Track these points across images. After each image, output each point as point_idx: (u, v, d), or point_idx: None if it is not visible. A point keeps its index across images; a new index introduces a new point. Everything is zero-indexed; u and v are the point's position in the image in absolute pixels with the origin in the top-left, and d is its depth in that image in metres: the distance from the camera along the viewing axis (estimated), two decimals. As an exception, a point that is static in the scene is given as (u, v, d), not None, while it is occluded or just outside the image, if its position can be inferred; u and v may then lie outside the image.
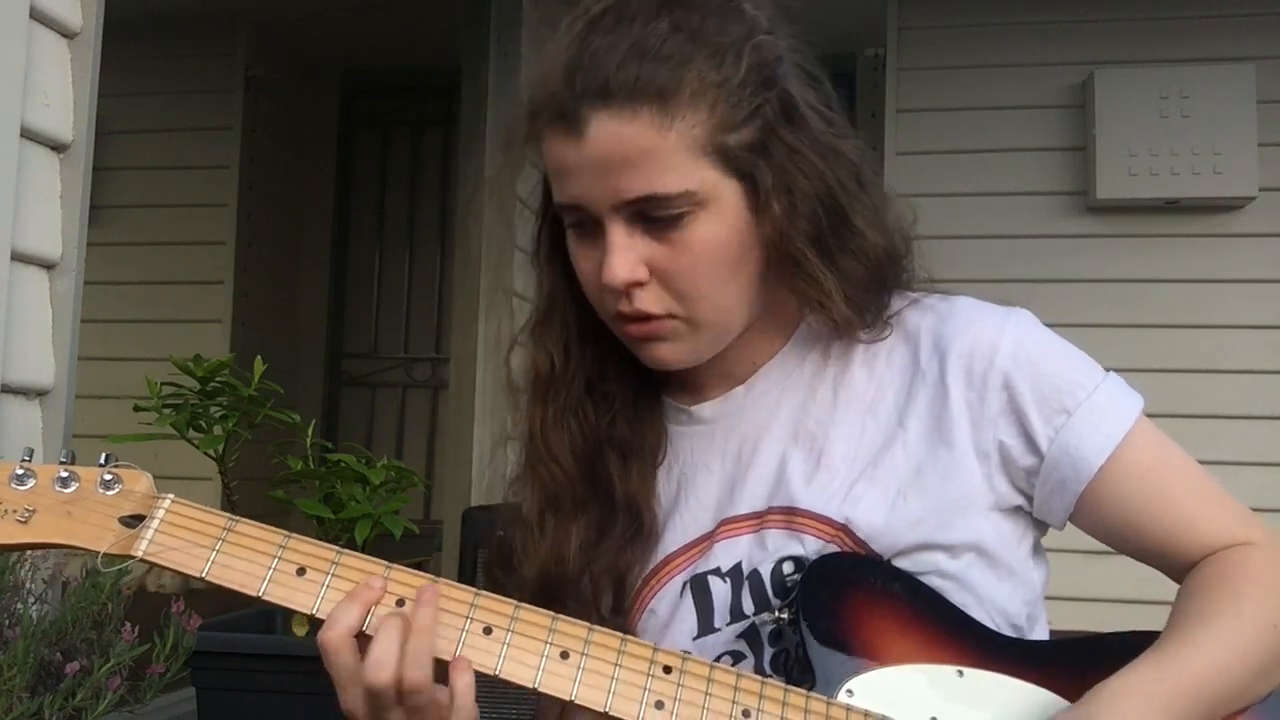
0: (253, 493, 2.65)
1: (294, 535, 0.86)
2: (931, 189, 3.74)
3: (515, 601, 0.85)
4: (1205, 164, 3.53)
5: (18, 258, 1.73)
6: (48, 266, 1.83)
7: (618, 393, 1.04)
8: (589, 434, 1.03)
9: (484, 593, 0.85)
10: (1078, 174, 3.70)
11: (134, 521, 0.85)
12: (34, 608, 1.47)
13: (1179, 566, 0.97)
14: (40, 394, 1.82)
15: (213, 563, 0.84)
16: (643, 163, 0.89)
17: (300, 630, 2.39)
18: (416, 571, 0.86)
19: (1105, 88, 3.61)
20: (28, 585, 1.50)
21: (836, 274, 0.94)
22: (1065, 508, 0.97)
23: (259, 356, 2.38)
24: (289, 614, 2.46)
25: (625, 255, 0.91)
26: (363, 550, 2.43)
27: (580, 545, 1.00)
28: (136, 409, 2.26)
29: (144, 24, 4.13)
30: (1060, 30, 3.77)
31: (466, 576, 2.11)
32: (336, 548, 0.86)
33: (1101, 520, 0.97)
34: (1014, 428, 0.96)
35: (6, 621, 1.38)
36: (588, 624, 0.85)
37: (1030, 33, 3.78)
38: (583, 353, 1.03)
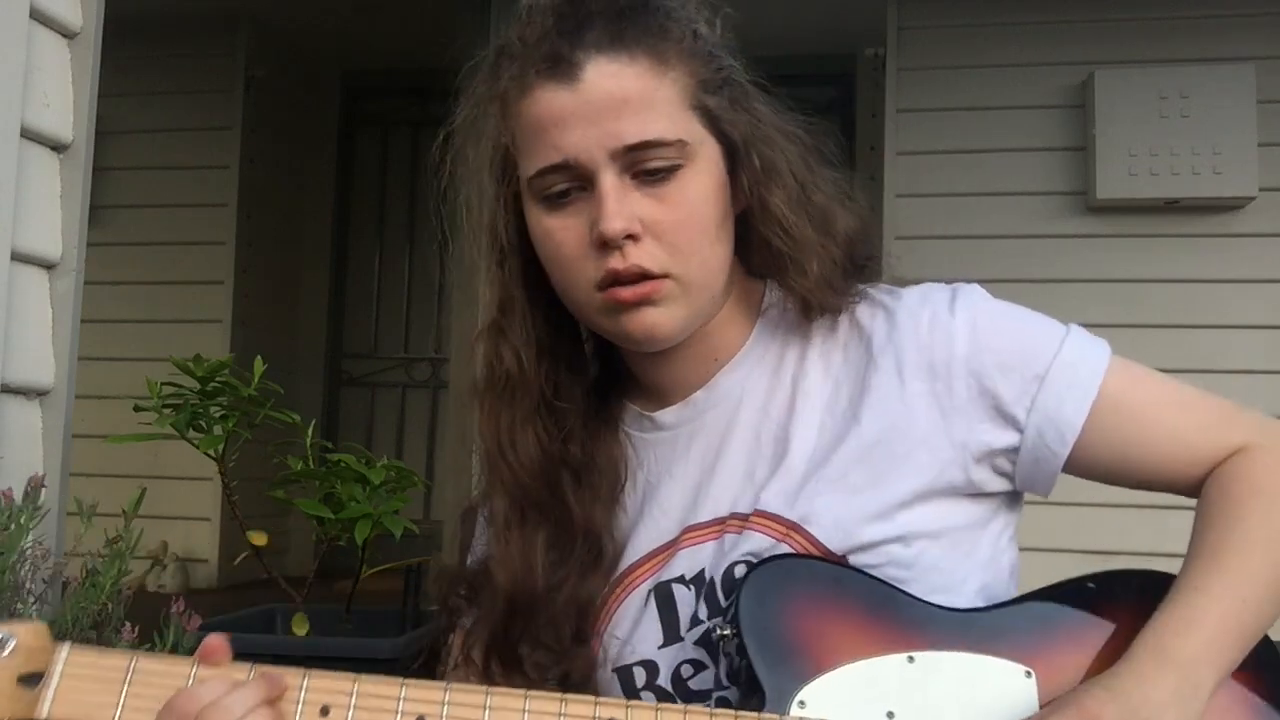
0: (253, 493, 2.65)
1: (200, 663, 0.81)
2: (931, 189, 3.75)
3: (444, 684, 0.82)
4: (1205, 164, 3.52)
5: (18, 258, 1.73)
6: (48, 266, 1.83)
7: (570, 412, 1.01)
8: (547, 448, 1.00)
9: (410, 680, 0.81)
10: (1078, 174, 3.70)
11: (35, 679, 0.80)
12: (34, 608, 1.47)
13: (1185, 486, 0.97)
14: (40, 394, 1.82)
15: (122, 708, 0.79)
16: (641, 107, 0.89)
17: (301, 630, 2.39)
18: (382, 678, 0.82)
19: (1105, 88, 3.60)
20: (28, 585, 1.50)
21: (809, 237, 0.96)
22: (1052, 473, 0.96)
23: (259, 356, 2.38)
24: (290, 613, 2.46)
25: (622, 205, 0.89)
26: (362, 550, 2.44)
27: (544, 564, 0.98)
28: (136, 409, 2.26)
29: (144, 24, 4.13)
30: (1060, 30, 3.77)
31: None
32: (247, 665, 0.81)
33: (1096, 465, 0.97)
34: (988, 410, 0.95)
35: (6, 621, 1.38)
36: (524, 691, 0.82)
37: (1030, 33, 3.78)
38: (539, 362, 1.00)
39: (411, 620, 2.57)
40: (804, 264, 0.95)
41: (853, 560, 0.93)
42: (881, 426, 0.95)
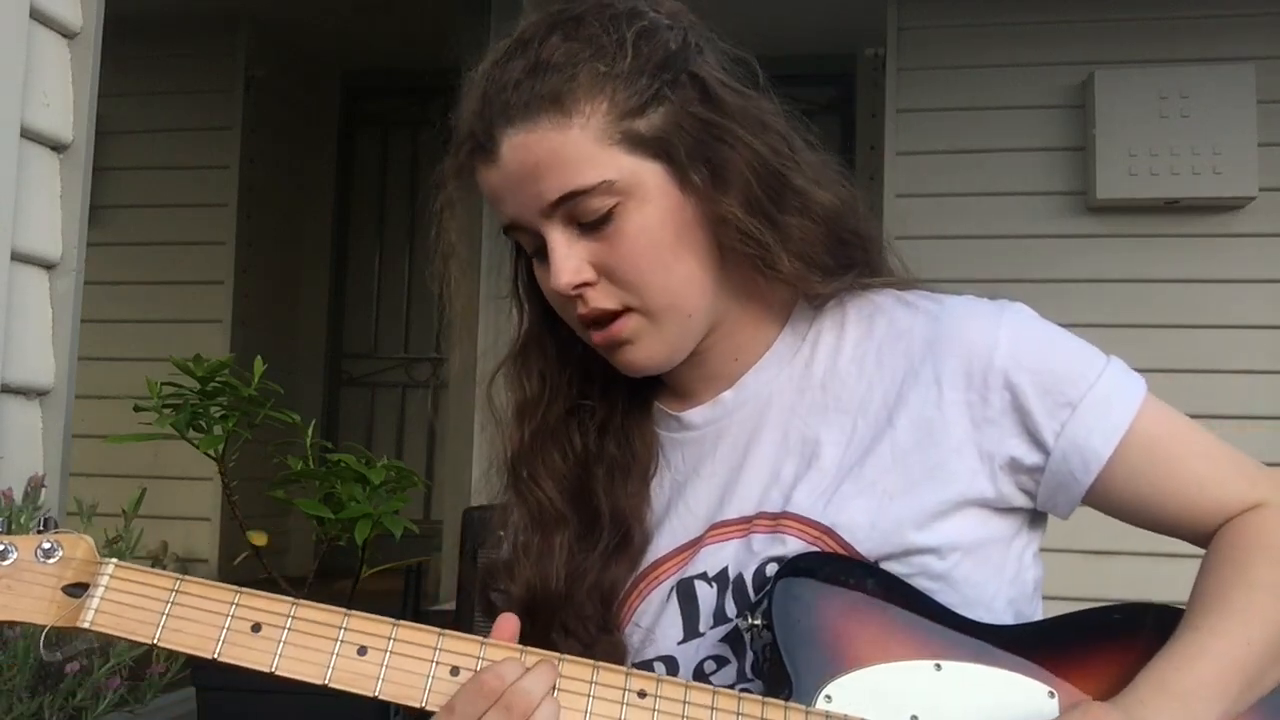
0: (253, 493, 2.65)
1: (244, 590, 0.83)
2: (931, 189, 3.74)
3: (480, 639, 0.83)
4: (1205, 164, 3.52)
5: (18, 258, 1.73)
6: (48, 266, 1.83)
7: (603, 412, 1.06)
8: (573, 457, 1.04)
9: (448, 632, 0.83)
10: (1078, 174, 3.69)
11: (78, 590, 0.81)
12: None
13: (1199, 534, 0.98)
14: (40, 394, 1.82)
15: (163, 628, 0.80)
16: (553, 163, 0.91)
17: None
18: (420, 625, 0.83)
19: (1105, 88, 3.60)
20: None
21: (776, 231, 0.95)
22: (1073, 499, 0.97)
23: (259, 356, 2.38)
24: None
25: (568, 259, 0.93)
26: (362, 550, 2.44)
27: (565, 563, 1.01)
28: (136, 409, 2.26)
29: (144, 24, 4.13)
30: (1060, 30, 3.77)
31: (466, 577, 2.11)
32: (290, 599, 0.82)
33: (1115, 501, 0.98)
34: (1018, 426, 0.95)
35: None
36: (557, 654, 0.84)
37: (1030, 33, 3.78)
38: (562, 378, 1.06)
39: (411, 620, 2.56)
40: (774, 260, 0.95)
41: (884, 568, 0.94)
42: (916, 433, 0.96)
